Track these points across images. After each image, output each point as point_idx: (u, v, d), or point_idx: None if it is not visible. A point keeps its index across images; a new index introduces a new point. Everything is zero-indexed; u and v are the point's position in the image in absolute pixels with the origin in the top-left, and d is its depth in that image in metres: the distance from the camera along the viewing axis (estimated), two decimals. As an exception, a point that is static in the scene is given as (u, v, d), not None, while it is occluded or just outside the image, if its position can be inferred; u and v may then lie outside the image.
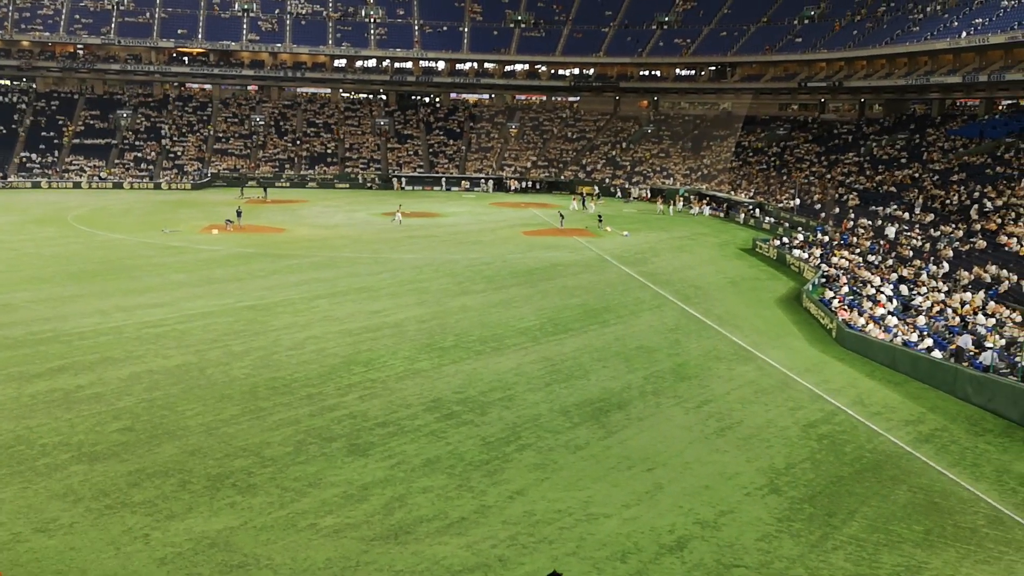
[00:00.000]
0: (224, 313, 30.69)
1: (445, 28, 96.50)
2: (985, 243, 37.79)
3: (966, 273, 34.13)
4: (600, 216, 56.84)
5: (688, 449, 19.30)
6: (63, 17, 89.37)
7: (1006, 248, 36.22)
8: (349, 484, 16.80)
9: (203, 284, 35.54)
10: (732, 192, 71.03)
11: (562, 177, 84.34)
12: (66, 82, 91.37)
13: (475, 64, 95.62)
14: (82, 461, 17.49)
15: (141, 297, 32.77)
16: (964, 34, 58.47)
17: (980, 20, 58.87)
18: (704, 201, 70.69)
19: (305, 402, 21.54)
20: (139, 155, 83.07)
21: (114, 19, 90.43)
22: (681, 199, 71.86)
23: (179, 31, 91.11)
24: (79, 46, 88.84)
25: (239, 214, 52.77)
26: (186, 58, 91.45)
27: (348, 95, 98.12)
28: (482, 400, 22.17)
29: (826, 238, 46.14)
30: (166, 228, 49.21)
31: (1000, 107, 66.92)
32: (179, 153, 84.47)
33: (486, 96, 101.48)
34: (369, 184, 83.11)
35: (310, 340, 27.41)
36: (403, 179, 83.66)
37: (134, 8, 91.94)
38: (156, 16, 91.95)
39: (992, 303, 30.25)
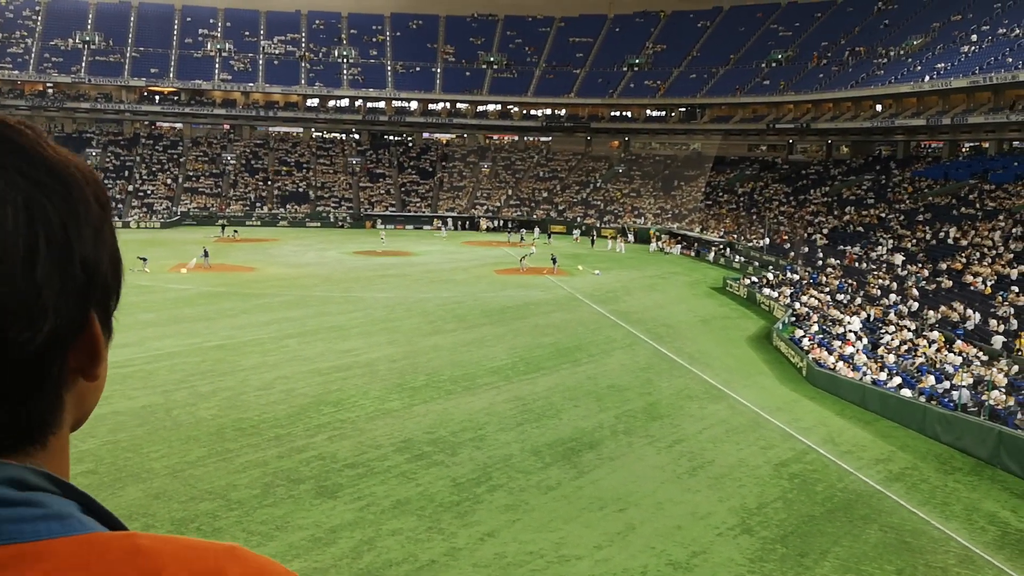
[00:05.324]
0: (191, 353, 30.31)
1: (418, 68, 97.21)
2: (951, 282, 38.30)
3: (933, 312, 34.54)
4: (554, 257, 55.94)
5: (660, 489, 19.20)
6: (33, 55, 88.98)
7: (971, 288, 36.73)
8: (317, 527, 16.51)
9: (171, 323, 35.10)
10: (702, 231, 71.64)
11: (534, 216, 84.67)
12: (35, 120, 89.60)
13: (448, 104, 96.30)
14: (42, 505, 17.04)
15: (107, 337, 32.22)
16: (927, 78, 59.81)
17: (942, 65, 60.25)
18: (675, 240, 71.26)
19: (273, 443, 21.23)
20: (108, 194, 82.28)
21: (85, 58, 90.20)
22: (654, 236, 72.47)
23: (151, 70, 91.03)
24: (49, 84, 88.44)
25: (206, 254, 52.25)
26: (157, 97, 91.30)
27: (320, 134, 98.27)
28: (453, 440, 21.97)
29: (796, 277, 46.56)
30: (134, 267, 48.69)
31: (963, 149, 68.27)
32: (149, 192, 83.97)
33: (458, 135, 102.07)
34: (341, 223, 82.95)
35: (279, 380, 27.10)
36: (378, 219, 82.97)
37: (105, 47, 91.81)
38: (128, 55, 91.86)
39: (959, 342, 30.59)
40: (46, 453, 0.93)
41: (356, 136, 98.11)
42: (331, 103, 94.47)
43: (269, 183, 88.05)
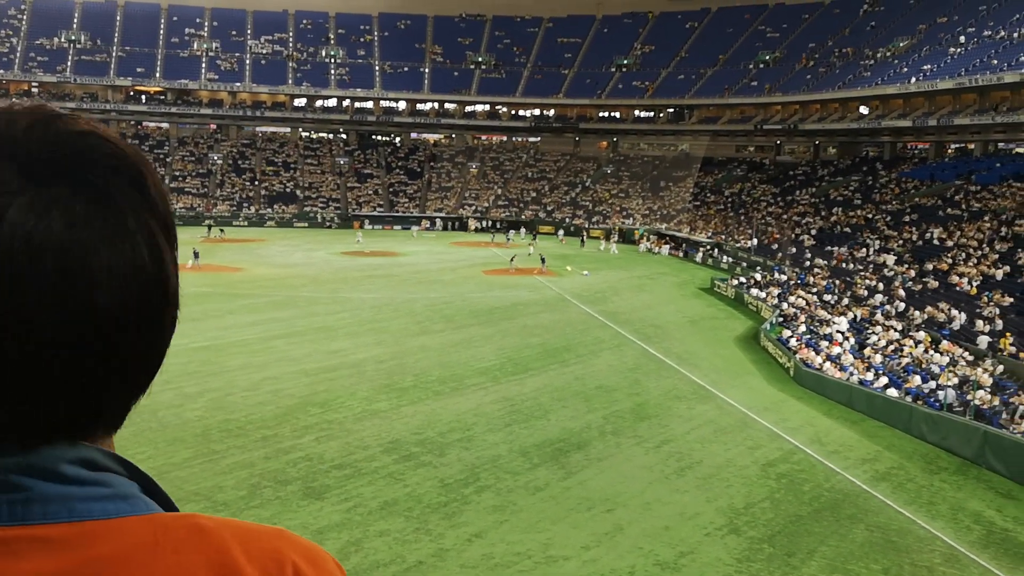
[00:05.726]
0: (177, 354, 30.02)
1: (406, 69, 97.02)
2: (937, 283, 38.49)
3: (919, 312, 34.69)
4: (543, 258, 56.15)
5: (648, 489, 19.21)
6: (18, 55, 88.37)
7: (957, 288, 36.91)
8: (304, 528, 16.43)
9: (157, 324, 34.81)
10: (691, 232, 71.77)
11: (523, 216, 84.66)
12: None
13: (436, 104, 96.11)
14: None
15: (93, 337, 32.02)
16: (913, 80, 60.09)
17: (929, 66, 60.52)
18: (663, 241, 71.41)
19: (260, 444, 21.13)
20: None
21: (70, 57, 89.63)
22: (643, 237, 72.70)
23: (137, 69, 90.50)
24: (34, 84, 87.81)
25: (196, 256, 51.89)
26: (144, 96, 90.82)
27: (308, 134, 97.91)
28: (441, 441, 21.93)
29: (783, 277, 46.68)
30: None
31: (949, 150, 68.60)
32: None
33: (446, 136, 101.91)
34: (328, 223, 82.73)
35: (266, 381, 27.00)
36: (365, 219, 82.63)
37: (91, 47, 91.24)
38: (113, 55, 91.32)
39: (945, 342, 30.74)
40: (109, 436, 0.99)
41: (344, 136, 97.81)
42: (319, 103, 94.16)
43: (256, 183, 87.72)
